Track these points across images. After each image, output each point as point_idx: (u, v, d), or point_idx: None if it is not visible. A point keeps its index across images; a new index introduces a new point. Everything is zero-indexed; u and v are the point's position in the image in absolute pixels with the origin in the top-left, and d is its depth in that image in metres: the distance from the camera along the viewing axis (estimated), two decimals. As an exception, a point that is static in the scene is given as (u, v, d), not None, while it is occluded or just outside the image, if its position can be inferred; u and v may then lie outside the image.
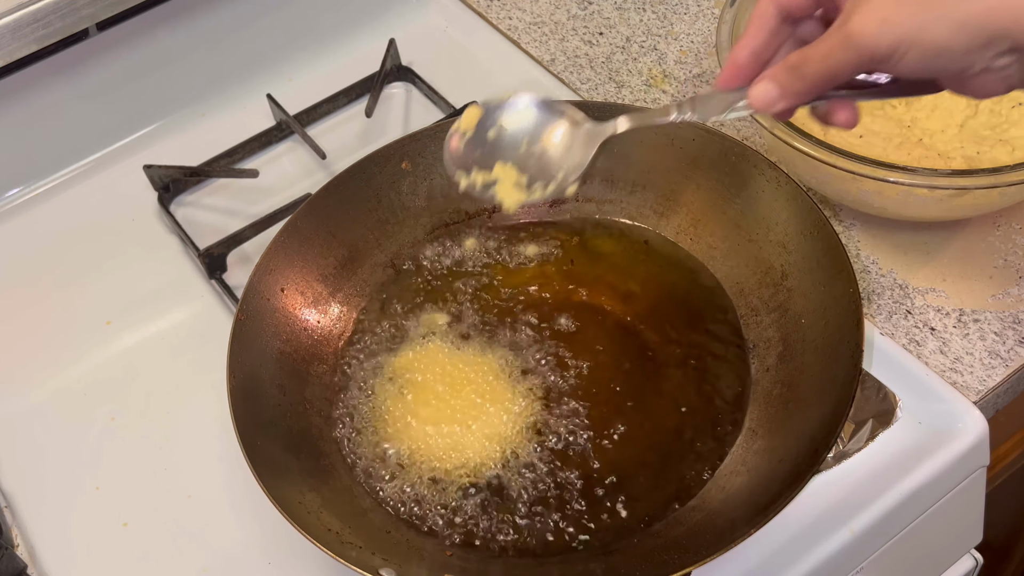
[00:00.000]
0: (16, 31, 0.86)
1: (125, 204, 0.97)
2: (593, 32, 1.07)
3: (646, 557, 0.67)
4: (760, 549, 0.70)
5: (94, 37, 0.93)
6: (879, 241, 0.86)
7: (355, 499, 0.72)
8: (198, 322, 0.88)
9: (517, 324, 0.80)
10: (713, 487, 0.71)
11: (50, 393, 0.86)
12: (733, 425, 0.74)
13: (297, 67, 1.06)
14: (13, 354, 0.88)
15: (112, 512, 0.78)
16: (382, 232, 0.86)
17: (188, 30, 0.99)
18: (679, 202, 0.84)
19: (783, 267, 0.78)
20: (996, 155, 0.82)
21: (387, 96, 1.03)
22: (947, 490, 0.76)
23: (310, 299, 0.81)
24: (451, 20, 1.10)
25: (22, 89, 0.93)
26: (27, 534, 0.77)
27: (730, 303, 0.80)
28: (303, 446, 0.74)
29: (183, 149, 0.99)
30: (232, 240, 0.89)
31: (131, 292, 0.91)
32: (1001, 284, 0.82)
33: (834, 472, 0.73)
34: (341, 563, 0.63)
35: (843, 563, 0.73)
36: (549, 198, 0.69)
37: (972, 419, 0.75)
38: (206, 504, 0.77)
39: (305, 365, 0.79)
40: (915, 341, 0.80)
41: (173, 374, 0.85)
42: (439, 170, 0.87)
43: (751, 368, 0.77)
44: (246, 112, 1.03)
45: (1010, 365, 0.78)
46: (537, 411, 0.75)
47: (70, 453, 0.82)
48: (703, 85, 0.99)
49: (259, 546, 0.74)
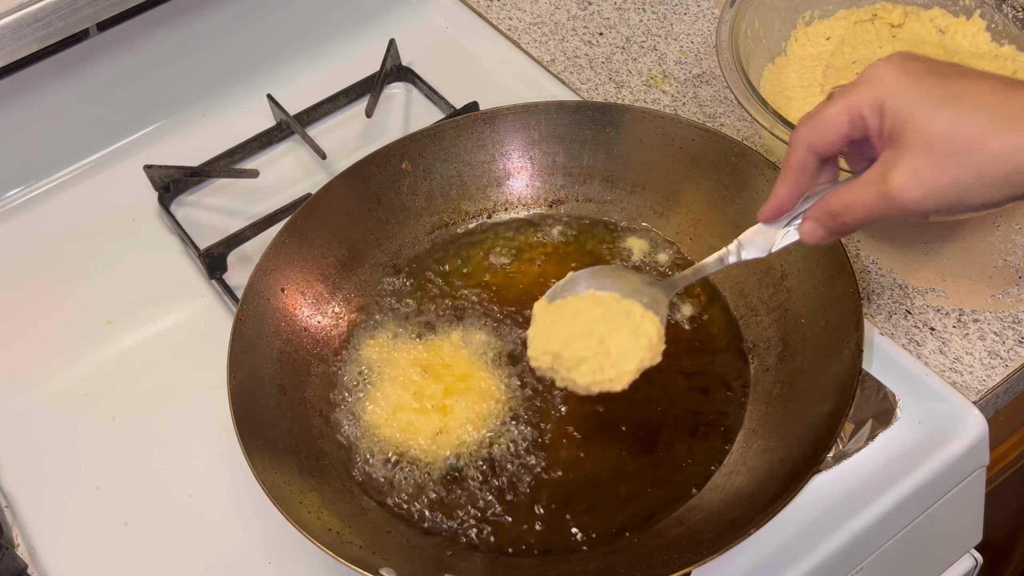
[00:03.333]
0: (16, 31, 0.86)
1: (125, 204, 0.97)
2: (593, 32, 1.07)
3: (646, 557, 0.67)
4: (760, 549, 0.70)
5: (94, 37, 0.93)
6: (879, 241, 0.86)
7: (355, 499, 0.72)
8: (198, 322, 0.88)
9: (518, 323, 0.80)
10: (713, 487, 0.71)
11: (50, 393, 0.85)
12: (733, 425, 0.74)
13: (297, 67, 1.06)
14: (13, 354, 0.88)
15: (112, 512, 0.78)
16: (382, 232, 0.86)
17: (188, 30, 0.99)
18: (679, 202, 0.84)
19: (783, 267, 0.78)
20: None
21: (387, 96, 1.03)
22: (947, 490, 0.76)
23: (310, 299, 0.81)
24: (451, 20, 1.10)
25: (22, 89, 0.93)
26: (27, 534, 0.77)
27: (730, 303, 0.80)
28: (303, 446, 0.74)
29: (183, 149, 0.99)
30: (232, 240, 0.89)
31: (131, 292, 0.91)
32: (1001, 284, 0.82)
33: (834, 472, 0.73)
34: (341, 563, 0.63)
35: (843, 563, 0.73)
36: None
37: (972, 419, 0.75)
38: (206, 504, 0.77)
39: (305, 365, 0.79)
40: (915, 341, 0.80)
41: (173, 374, 0.85)
42: (439, 170, 0.87)
43: (751, 368, 0.77)
44: (246, 112, 1.03)
45: (1010, 365, 0.78)
46: (538, 410, 0.75)
47: (70, 453, 0.82)
48: (703, 85, 0.99)
49: (259, 546, 0.74)
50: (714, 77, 1.00)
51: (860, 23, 0.93)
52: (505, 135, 0.87)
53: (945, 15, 0.91)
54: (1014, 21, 0.88)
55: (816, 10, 0.93)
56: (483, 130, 0.87)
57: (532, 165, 0.88)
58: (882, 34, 0.92)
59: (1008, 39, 0.88)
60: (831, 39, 0.92)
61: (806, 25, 0.93)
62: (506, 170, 0.88)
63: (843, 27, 0.93)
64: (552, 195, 0.88)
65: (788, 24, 0.93)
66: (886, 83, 0.55)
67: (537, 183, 0.88)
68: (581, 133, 0.86)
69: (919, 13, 0.92)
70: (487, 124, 0.87)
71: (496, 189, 0.88)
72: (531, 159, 0.88)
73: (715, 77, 1.00)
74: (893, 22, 0.92)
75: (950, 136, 0.53)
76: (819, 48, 0.92)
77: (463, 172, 0.88)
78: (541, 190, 0.88)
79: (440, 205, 0.88)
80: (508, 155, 0.88)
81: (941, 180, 0.53)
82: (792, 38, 0.93)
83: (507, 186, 0.88)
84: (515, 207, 0.88)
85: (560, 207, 0.88)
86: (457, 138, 0.87)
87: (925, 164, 0.54)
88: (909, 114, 0.54)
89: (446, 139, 0.87)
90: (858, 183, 0.57)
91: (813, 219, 0.60)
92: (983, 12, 0.89)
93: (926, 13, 0.92)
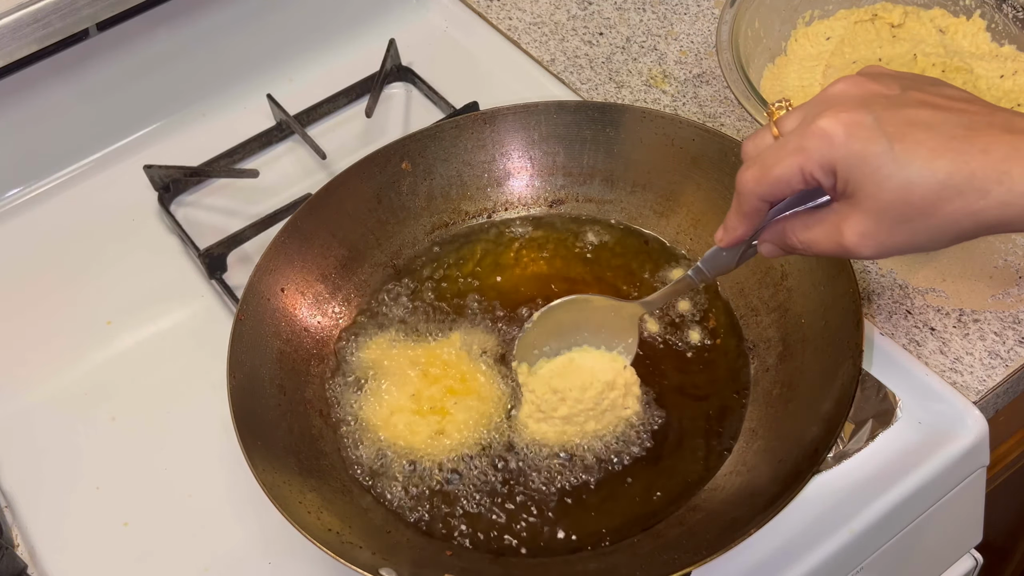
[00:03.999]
0: (16, 31, 0.86)
1: (125, 204, 0.97)
2: (593, 32, 1.07)
3: (646, 557, 0.67)
4: (760, 549, 0.70)
5: (94, 37, 0.93)
6: (879, 241, 0.86)
7: (355, 499, 0.72)
8: (198, 322, 0.88)
9: (518, 322, 0.80)
10: (713, 487, 0.71)
11: (50, 393, 0.85)
12: (733, 425, 0.74)
13: (297, 67, 1.06)
14: (13, 354, 0.88)
15: (112, 512, 0.78)
16: (382, 232, 0.86)
17: (188, 30, 0.99)
18: (679, 202, 0.84)
19: (783, 267, 0.78)
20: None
21: (387, 96, 1.03)
22: (947, 490, 0.76)
23: (310, 299, 0.81)
24: (451, 20, 1.10)
25: (22, 89, 0.93)
26: (27, 534, 0.77)
27: (729, 303, 0.80)
28: (303, 446, 0.74)
29: (183, 149, 0.99)
30: (232, 240, 0.89)
31: (131, 292, 0.91)
32: (1001, 284, 0.82)
33: (834, 472, 0.73)
34: (341, 563, 0.63)
35: (843, 563, 0.73)
36: None
37: (972, 419, 0.75)
38: (206, 504, 0.77)
39: (305, 365, 0.79)
40: (915, 341, 0.80)
41: (173, 374, 0.85)
42: (439, 170, 0.87)
43: (751, 368, 0.77)
44: (246, 112, 1.03)
45: (1010, 365, 0.78)
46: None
47: (70, 453, 0.82)
48: (703, 85, 0.99)
49: (259, 546, 0.74)
50: (714, 77, 1.00)
51: (860, 23, 0.93)
52: (505, 135, 0.87)
53: (945, 15, 0.91)
54: (1014, 21, 0.88)
55: (816, 10, 0.93)
56: (483, 130, 0.87)
57: (532, 165, 0.88)
58: (882, 34, 0.92)
59: (1008, 39, 0.88)
60: (831, 39, 0.92)
61: (806, 25, 0.93)
62: (506, 170, 0.88)
63: (843, 27, 0.93)
64: (552, 195, 0.88)
65: (788, 24, 0.93)
66: (836, 144, 0.54)
67: (537, 183, 0.88)
68: (581, 133, 0.86)
69: (919, 13, 0.92)
70: (487, 124, 0.87)
71: (496, 189, 0.88)
72: (531, 159, 0.88)
73: (715, 77, 1.00)
74: (893, 22, 0.92)
75: (903, 204, 0.53)
76: (819, 48, 0.92)
77: (463, 172, 0.88)
78: (541, 190, 0.88)
79: (440, 205, 0.88)
80: (508, 155, 0.88)
81: (895, 240, 0.55)
82: (792, 38, 0.93)
83: (507, 186, 0.88)
84: (515, 207, 0.88)
85: (560, 207, 0.88)
86: (457, 138, 0.87)
87: (879, 227, 0.55)
88: (861, 179, 0.54)
89: (446, 139, 0.87)
90: (815, 226, 0.58)
91: (772, 243, 0.62)
92: (983, 12, 0.89)
93: (926, 13, 0.92)
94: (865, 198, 0.54)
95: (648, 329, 0.79)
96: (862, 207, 0.55)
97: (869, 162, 0.53)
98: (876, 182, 0.53)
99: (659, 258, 0.84)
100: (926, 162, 0.52)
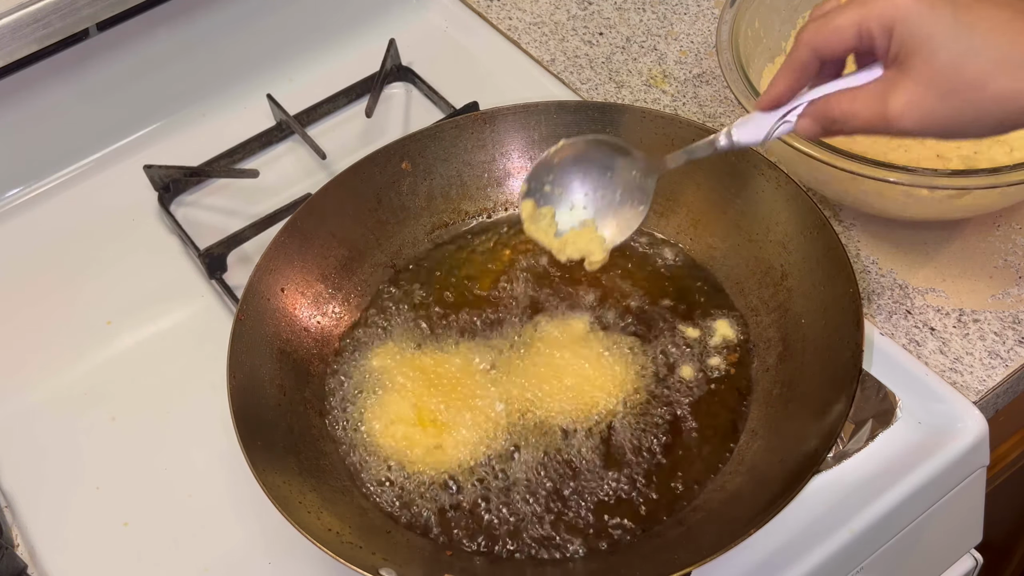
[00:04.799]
0: (16, 31, 0.86)
1: (125, 204, 0.97)
2: (593, 32, 1.07)
3: (646, 557, 0.67)
4: (760, 549, 0.70)
5: (94, 37, 0.93)
6: (879, 241, 0.86)
7: (355, 499, 0.72)
8: (198, 322, 0.88)
9: (518, 322, 0.80)
10: (713, 487, 0.71)
11: (50, 393, 0.86)
12: (733, 425, 0.74)
13: (297, 67, 1.06)
14: (13, 354, 0.88)
15: (112, 512, 0.78)
16: (382, 232, 0.86)
17: (188, 30, 0.99)
18: (679, 202, 0.84)
19: (783, 267, 0.78)
20: (993, 155, 0.82)
21: (387, 96, 1.03)
22: (947, 490, 0.76)
23: (310, 299, 0.81)
24: (451, 20, 1.10)
25: (22, 89, 0.93)
26: (27, 534, 0.77)
27: (730, 303, 0.80)
28: (303, 446, 0.74)
29: (183, 149, 0.99)
30: (232, 240, 0.89)
31: (131, 292, 0.91)
32: (1001, 284, 0.82)
33: (834, 472, 0.73)
34: (341, 563, 0.63)
35: (843, 563, 0.73)
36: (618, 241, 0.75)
37: (972, 419, 0.75)
38: (206, 504, 0.77)
39: (305, 365, 0.79)
40: (915, 341, 0.80)
41: (173, 374, 0.85)
42: (439, 170, 0.87)
43: (751, 368, 0.77)
44: (246, 112, 1.03)
45: (1010, 365, 0.78)
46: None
47: (70, 453, 0.82)
48: (703, 85, 0.99)
49: (259, 546, 0.74)
50: (714, 77, 1.00)
51: (860, 23, 0.93)
52: (505, 135, 0.87)
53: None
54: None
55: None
56: (483, 130, 0.87)
57: (532, 165, 0.88)
58: (882, 34, 0.92)
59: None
60: (831, 39, 0.92)
61: (806, 25, 0.93)
62: (506, 170, 0.88)
63: (843, 27, 0.93)
64: (552, 195, 0.88)
65: (788, 24, 0.93)
66: (900, 4, 0.54)
67: (537, 183, 0.88)
68: (581, 133, 0.86)
69: (919, 13, 0.92)
70: (487, 124, 0.87)
71: (496, 189, 0.88)
72: (531, 159, 0.88)
73: (715, 77, 1.00)
74: (893, 22, 0.92)
75: (954, 73, 0.53)
76: (819, 48, 0.92)
77: (463, 172, 0.88)
78: (541, 190, 0.88)
79: (440, 205, 0.88)
80: (508, 155, 0.88)
81: (939, 112, 0.54)
82: (792, 38, 0.93)
83: (507, 186, 0.88)
84: (515, 207, 0.88)
85: (560, 207, 0.88)
86: (457, 138, 0.87)
87: (926, 95, 0.54)
88: (917, 44, 0.54)
89: (446, 139, 0.87)
90: (860, 95, 0.57)
91: (811, 118, 0.61)
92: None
93: (926, 13, 0.92)
94: (919, 63, 0.54)
95: (682, 376, 0.77)
96: (913, 73, 0.54)
97: (930, 26, 0.53)
98: (932, 49, 0.53)
99: (659, 257, 0.84)
100: (986, 35, 0.52)
